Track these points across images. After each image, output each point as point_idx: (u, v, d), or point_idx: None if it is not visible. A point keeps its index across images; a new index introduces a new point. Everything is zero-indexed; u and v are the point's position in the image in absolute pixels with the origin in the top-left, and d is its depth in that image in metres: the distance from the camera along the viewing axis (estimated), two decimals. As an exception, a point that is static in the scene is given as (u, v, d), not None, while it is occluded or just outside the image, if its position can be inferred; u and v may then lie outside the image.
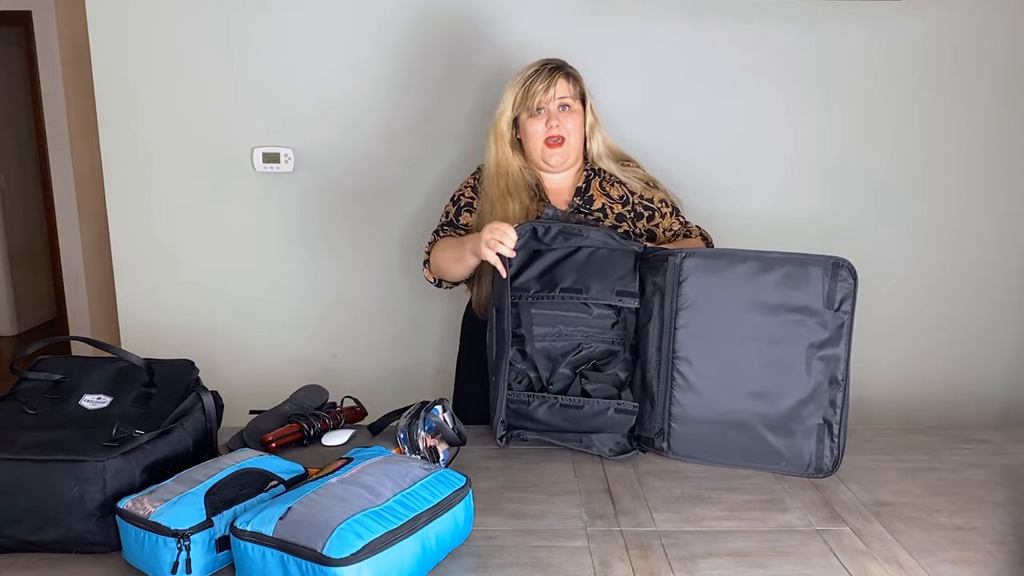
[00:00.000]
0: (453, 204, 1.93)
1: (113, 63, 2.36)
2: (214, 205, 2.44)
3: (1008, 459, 1.60)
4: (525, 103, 1.79)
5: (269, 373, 2.49)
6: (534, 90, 1.78)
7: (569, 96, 1.81)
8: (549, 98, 1.79)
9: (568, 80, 1.81)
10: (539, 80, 1.78)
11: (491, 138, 1.86)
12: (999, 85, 2.41)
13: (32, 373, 1.42)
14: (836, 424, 1.47)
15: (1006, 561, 1.24)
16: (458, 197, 1.94)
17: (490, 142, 1.86)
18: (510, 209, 1.81)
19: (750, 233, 2.47)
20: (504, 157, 1.84)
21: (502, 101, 1.84)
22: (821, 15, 2.34)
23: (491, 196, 1.84)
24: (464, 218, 1.90)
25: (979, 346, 2.58)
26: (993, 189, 2.49)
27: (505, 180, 1.83)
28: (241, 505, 1.19)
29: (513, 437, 1.61)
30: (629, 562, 1.23)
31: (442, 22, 2.34)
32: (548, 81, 1.78)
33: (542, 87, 1.78)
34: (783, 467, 1.50)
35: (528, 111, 1.80)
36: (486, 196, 1.85)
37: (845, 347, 1.46)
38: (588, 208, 1.86)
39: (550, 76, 1.79)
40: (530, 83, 1.79)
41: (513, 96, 1.81)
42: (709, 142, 2.43)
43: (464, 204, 1.91)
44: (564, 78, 1.81)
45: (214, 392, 1.47)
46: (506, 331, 1.59)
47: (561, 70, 1.81)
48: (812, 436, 1.48)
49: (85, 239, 4.22)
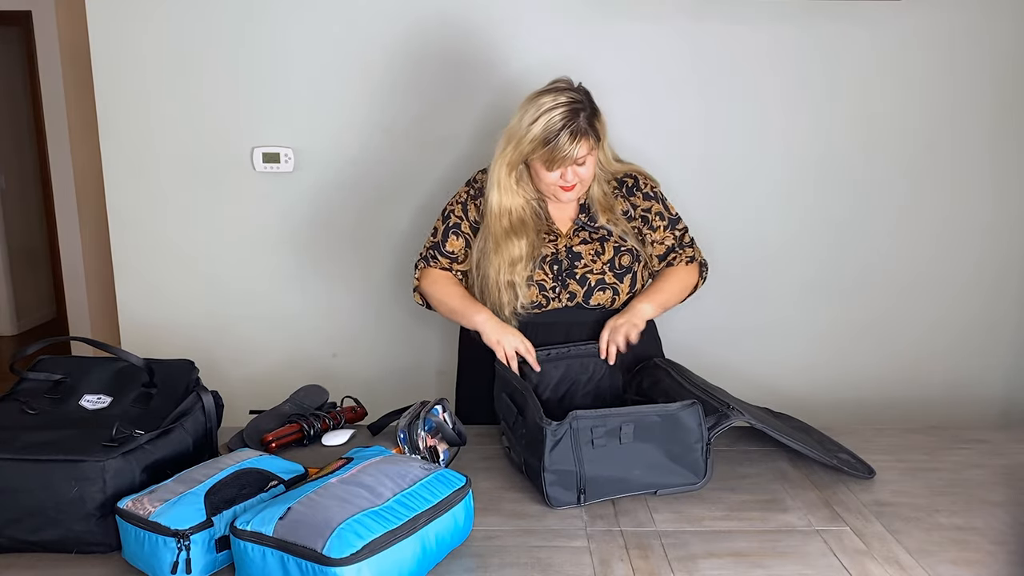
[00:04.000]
0: (442, 221, 1.87)
1: (113, 63, 2.36)
2: (214, 205, 2.44)
3: (1008, 459, 1.61)
4: (542, 160, 1.67)
5: (269, 373, 2.49)
6: (555, 156, 1.64)
7: (587, 153, 1.67)
8: (569, 161, 1.66)
9: (588, 136, 1.65)
10: (562, 143, 1.63)
11: (495, 175, 1.73)
12: (999, 85, 2.41)
13: (32, 373, 1.42)
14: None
15: (1006, 561, 1.24)
16: (447, 214, 1.86)
17: (493, 178, 1.74)
18: (516, 249, 1.74)
19: (749, 233, 2.47)
20: (508, 196, 1.74)
21: (512, 139, 1.69)
22: (821, 15, 2.34)
23: (495, 234, 1.75)
24: (451, 244, 1.84)
25: (979, 346, 2.58)
26: (993, 189, 2.48)
27: (508, 218, 1.75)
28: (241, 505, 1.19)
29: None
30: (629, 562, 1.23)
31: (442, 22, 2.34)
32: (571, 146, 1.63)
33: (564, 154, 1.64)
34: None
35: (546, 166, 1.69)
36: (489, 234, 1.76)
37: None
38: (592, 225, 1.81)
39: (573, 140, 1.63)
40: (552, 146, 1.63)
41: (531, 148, 1.66)
42: (707, 142, 2.42)
43: (452, 225, 1.84)
44: (585, 138, 1.65)
45: (214, 392, 1.47)
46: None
47: (581, 129, 1.64)
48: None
49: (85, 239, 4.22)
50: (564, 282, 1.78)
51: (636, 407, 1.44)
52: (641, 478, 1.43)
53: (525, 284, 1.75)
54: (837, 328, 2.55)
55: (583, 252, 1.79)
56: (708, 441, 1.44)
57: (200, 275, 2.48)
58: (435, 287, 1.84)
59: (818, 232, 2.49)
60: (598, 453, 1.40)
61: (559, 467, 1.39)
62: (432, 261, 1.87)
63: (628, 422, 1.40)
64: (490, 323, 1.73)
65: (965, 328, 2.57)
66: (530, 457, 1.45)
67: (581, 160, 1.68)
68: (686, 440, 1.43)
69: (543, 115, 1.64)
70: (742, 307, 2.48)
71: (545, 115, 1.64)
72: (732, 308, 2.50)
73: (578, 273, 1.78)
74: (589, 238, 1.81)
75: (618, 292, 1.81)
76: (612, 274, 1.80)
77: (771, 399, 1.92)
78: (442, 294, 1.83)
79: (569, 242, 1.80)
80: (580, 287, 1.78)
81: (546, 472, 1.39)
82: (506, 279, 1.75)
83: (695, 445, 1.44)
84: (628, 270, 1.81)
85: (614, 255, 1.80)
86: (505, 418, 1.61)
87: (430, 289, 1.85)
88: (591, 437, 1.39)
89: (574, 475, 1.39)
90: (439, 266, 1.87)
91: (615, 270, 1.80)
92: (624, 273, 1.81)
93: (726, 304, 2.48)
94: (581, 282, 1.78)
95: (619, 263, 1.81)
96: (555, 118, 1.63)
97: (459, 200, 1.87)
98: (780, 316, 2.54)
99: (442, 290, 1.83)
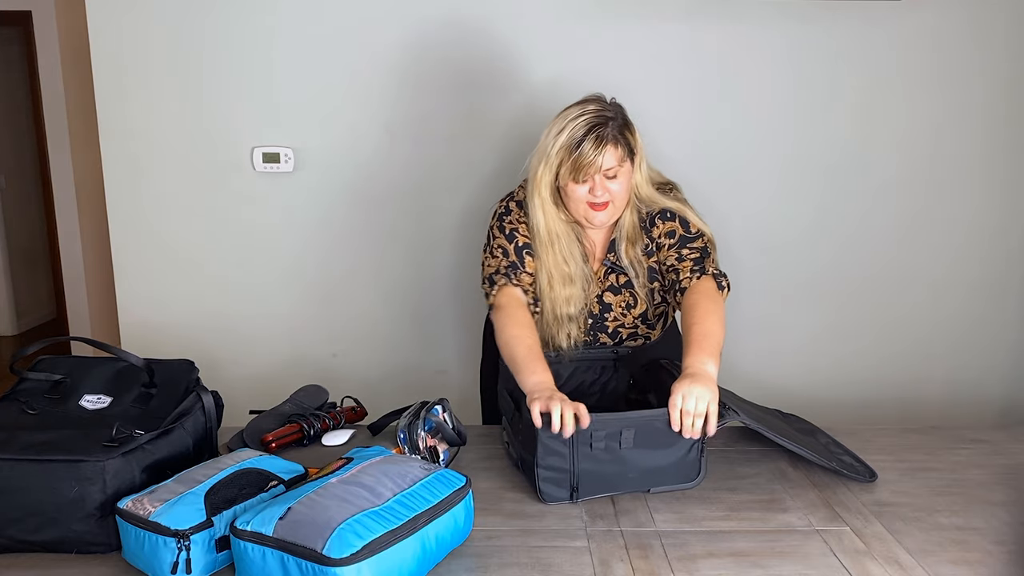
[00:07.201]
0: (507, 240, 1.72)
1: (113, 63, 2.36)
2: (214, 205, 2.44)
3: (1008, 459, 1.60)
4: (569, 172, 1.60)
5: (269, 373, 2.49)
6: (580, 164, 1.58)
7: (616, 164, 1.59)
8: (596, 170, 1.59)
9: (616, 145, 1.59)
10: (586, 151, 1.57)
11: (535, 200, 1.65)
12: (999, 84, 2.41)
13: (32, 373, 1.42)
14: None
15: (1006, 561, 1.24)
16: (511, 232, 1.72)
17: (535, 204, 1.65)
18: (567, 278, 1.68)
19: (749, 233, 2.47)
20: (551, 220, 1.66)
21: (541, 158, 1.62)
22: (821, 15, 2.34)
23: (548, 266, 1.68)
24: (528, 264, 1.71)
25: (979, 346, 2.58)
26: (993, 189, 2.49)
27: (559, 246, 1.67)
28: (241, 505, 1.19)
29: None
30: (629, 562, 1.23)
31: (442, 23, 2.34)
32: (595, 153, 1.57)
33: (588, 161, 1.57)
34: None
35: (573, 179, 1.61)
36: (542, 265, 1.69)
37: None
38: (619, 265, 1.73)
39: (598, 147, 1.57)
40: (577, 154, 1.58)
41: (557, 160, 1.60)
42: (707, 142, 2.43)
43: (522, 245, 1.71)
44: (612, 144, 1.58)
45: (214, 392, 1.47)
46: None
47: (608, 136, 1.58)
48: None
49: (85, 239, 4.21)
50: (595, 336, 1.77)
51: (638, 412, 1.44)
52: (636, 476, 1.43)
53: (577, 314, 1.72)
54: (837, 328, 2.55)
55: (613, 304, 1.75)
56: (704, 440, 1.45)
57: (200, 275, 2.48)
58: (509, 327, 1.64)
59: (818, 232, 2.49)
60: (595, 453, 1.40)
61: (553, 463, 1.39)
62: (515, 277, 1.70)
63: (629, 427, 1.40)
64: (542, 387, 1.49)
65: (965, 328, 2.57)
66: (525, 453, 1.46)
67: (611, 173, 1.59)
68: (681, 438, 1.43)
69: (568, 123, 1.59)
70: (742, 307, 2.48)
71: (571, 123, 1.59)
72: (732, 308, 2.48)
73: (609, 327, 1.77)
74: (617, 284, 1.74)
75: (650, 337, 1.81)
76: (645, 326, 1.79)
77: (771, 399, 1.92)
78: (509, 335, 1.62)
79: (600, 287, 1.75)
80: (611, 339, 1.78)
81: (539, 468, 1.39)
82: (564, 312, 1.70)
83: (691, 444, 1.44)
84: (660, 317, 1.80)
85: (646, 308, 1.76)
86: (505, 414, 1.61)
87: (504, 320, 1.65)
88: (590, 440, 1.39)
89: (568, 472, 1.40)
90: (522, 284, 1.71)
91: (647, 321, 1.78)
92: (656, 321, 1.80)
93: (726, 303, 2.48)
94: (612, 335, 1.78)
95: (651, 315, 1.78)
96: (579, 124, 1.58)
97: (520, 220, 1.73)
98: (780, 316, 2.54)
99: (512, 331, 1.62)
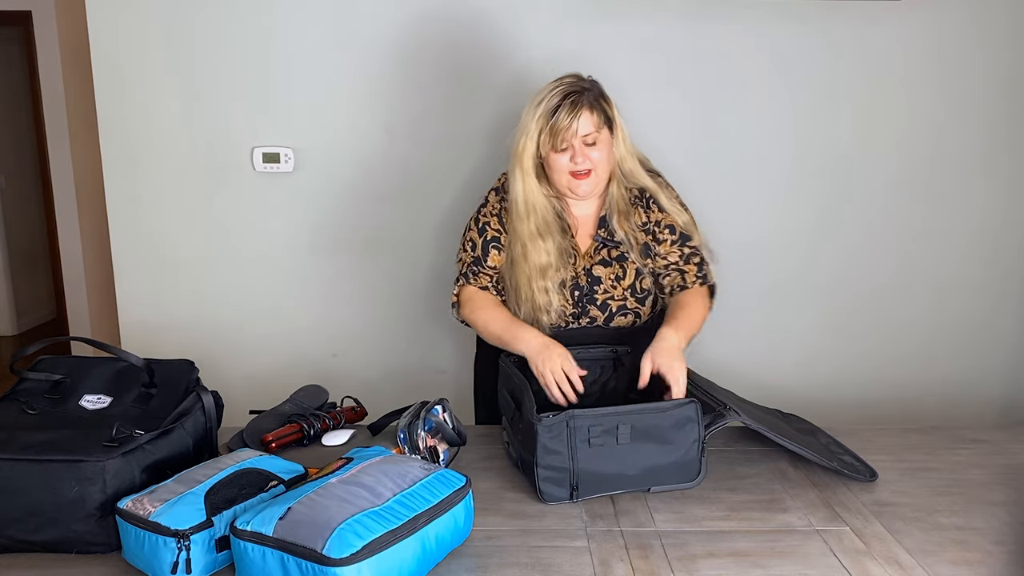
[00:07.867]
0: (478, 234, 1.79)
1: (113, 63, 2.36)
2: (214, 205, 2.44)
3: (1008, 459, 1.60)
4: (548, 140, 1.66)
5: (269, 373, 2.49)
6: (557, 128, 1.64)
7: (593, 130, 1.66)
8: (572, 134, 1.65)
9: (592, 111, 1.66)
10: (561, 116, 1.63)
11: (516, 172, 1.71)
12: (1000, 84, 2.41)
13: (32, 373, 1.42)
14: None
15: (1006, 561, 1.24)
16: (483, 226, 1.80)
17: (515, 176, 1.71)
18: (543, 250, 1.71)
19: (749, 233, 2.47)
20: (531, 191, 1.71)
21: (522, 131, 1.69)
22: (821, 15, 2.34)
23: (522, 237, 1.72)
24: (493, 258, 1.78)
25: (979, 346, 2.58)
26: (993, 189, 2.48)
27: (534, 217, 1.71)
28: (241, 505, 1.19)
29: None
30: (629, 562, 1.23)
31: (442, 22, 2.34)
32: (571, 117, 1.63)
33: (564, 124, 1.64)
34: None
35: (552, 146, 1.67)
36: (517, 237, 1.73)
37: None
38: (612, 241, 1.76)
39: (573, 111, 1.64)
40: (553, 120, 1.64)
41: (536, 130, 1.67)
42: (706, 142, 2.43)
43: (491, 239, 1.78)
44: (588, 109, 1.65)
45: (214, 392, 1.47)
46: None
47: (583, 102, 1.65)
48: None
49: (85, 239, 4.22)
50: (584, 308, 1.76)
51: (634, 406, 1.44)
52: (636, 476, 1.43)
53: (557, 290, 1.72)
54: (837, 328, 2.55)
55: (603, 276, 1.75)
56: (703, 440, 1.45)
57: (200, 275, 2.48)
58: (478, 313, 1.75)
59: (819, 232, 2.49)
60: (594, 451, 1.40)
61: (553, 463, 1.39)
62: (473, 278, 1.79)
63: (626, 422, 1.40)
64: (532, 345, 1.62)
65: (965, 328, 2.57)
66: (525, 453, 1.45)
67: (589, 139, 1.66)
68: (681, 438, 1.43)
69: (546, 95, 1.67)
70: (741, 307, 2.48)
71: (548, 94, 1.67)
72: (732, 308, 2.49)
73: (599, 299, 1.76)
74: (608, 257, 1.76)
75: (640, 315, 1.80)
76: (634, 299, 1.77)
77: (771, 399, 1.92)
78: (485, 320, 1.74)
79: (589, 262, 1.76)
80: (601, 312, 1.77)
81: (539, 468, 1.39)
82: (539, 285, 1.71)
83: (690, 443, 1.44)
84: (649, 292, 1.80)
85: (635, 279, 1.77)
86: (505, 413, 1.61)
87: (472, 316, 1.76)
88: (588, 436, 1.39)
89: (568, 471, 1.40)
90: (480, 284, 1.79)
91: (636, 295, 1.77)
92: (646, 296, 1.79)
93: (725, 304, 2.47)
94: (602, 308, 1.76)
95: (640, 287, 1.77)
96: (556, 93, 1.66)
97: (493, 212, 1.80)
98: (779, 316, 2.54)
99: (485, 316, 1.74)
